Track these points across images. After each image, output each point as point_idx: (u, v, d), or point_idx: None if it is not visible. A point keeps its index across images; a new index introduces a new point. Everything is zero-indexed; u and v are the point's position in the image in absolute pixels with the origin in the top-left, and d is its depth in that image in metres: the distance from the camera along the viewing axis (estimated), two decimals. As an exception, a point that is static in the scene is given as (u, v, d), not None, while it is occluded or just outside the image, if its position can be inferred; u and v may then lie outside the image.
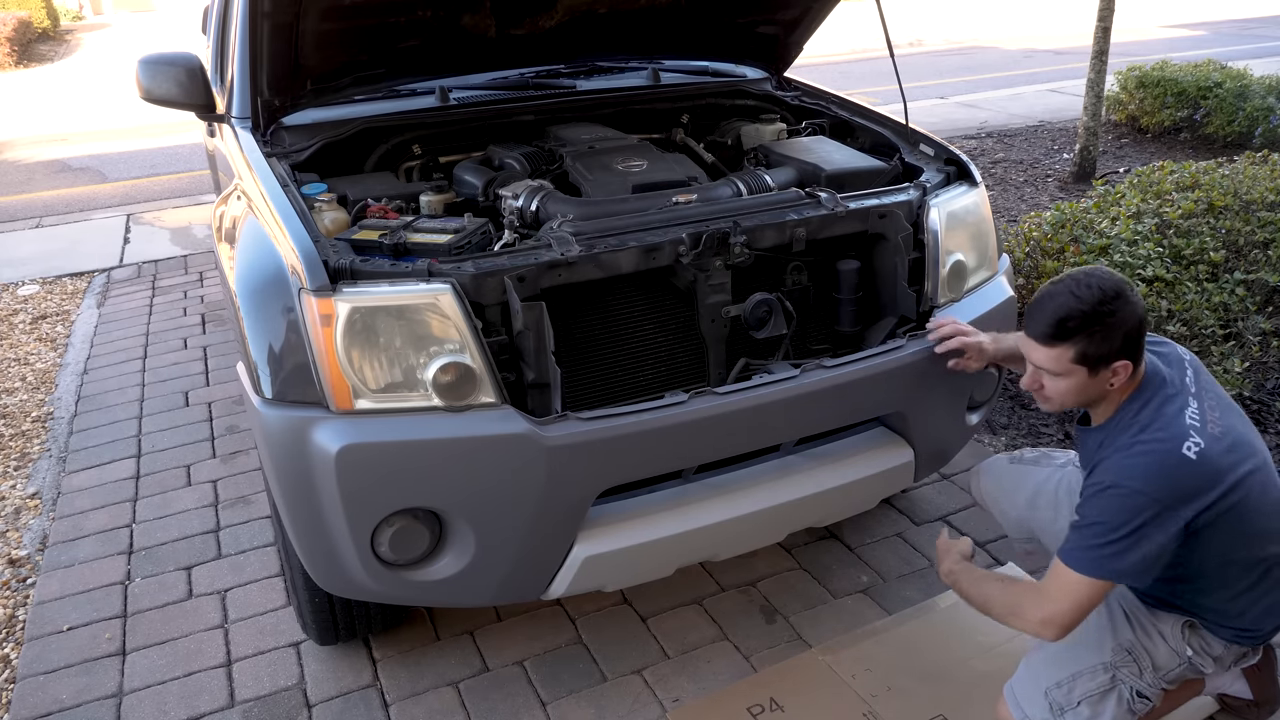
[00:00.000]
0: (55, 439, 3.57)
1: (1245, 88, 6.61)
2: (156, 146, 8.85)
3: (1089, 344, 1.59)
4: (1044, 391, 1.70)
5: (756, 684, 2.22)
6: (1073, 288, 1.61)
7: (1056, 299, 1.62)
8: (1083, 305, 1.59)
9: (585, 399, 1.99)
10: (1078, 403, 1.70)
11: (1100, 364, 1.61)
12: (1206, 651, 1.73)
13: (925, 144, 2.52)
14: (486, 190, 2.33)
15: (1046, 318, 1.62)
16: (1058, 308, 1.61)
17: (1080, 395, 1.67)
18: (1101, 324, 1.58)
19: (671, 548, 1.99)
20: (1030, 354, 1.68)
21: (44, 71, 14.81)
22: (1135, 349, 1.62)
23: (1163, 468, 1.56)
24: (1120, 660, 1.73)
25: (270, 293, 1.86)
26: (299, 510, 1.82)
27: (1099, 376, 1.63)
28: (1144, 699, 1.72)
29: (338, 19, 2.34)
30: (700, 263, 1.99)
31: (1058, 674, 1.74)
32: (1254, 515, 1.61)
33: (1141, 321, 1.61)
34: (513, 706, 2.21)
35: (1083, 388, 1.65)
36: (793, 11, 2.91)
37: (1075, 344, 1.60)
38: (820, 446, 2.17)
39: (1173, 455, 1.57)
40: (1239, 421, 1.69)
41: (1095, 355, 1.60)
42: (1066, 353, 1.61)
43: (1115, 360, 1.61)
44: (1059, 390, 1.67)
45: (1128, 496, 1.56)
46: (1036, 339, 1.65)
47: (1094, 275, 1.63)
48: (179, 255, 5.64)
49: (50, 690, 2.33)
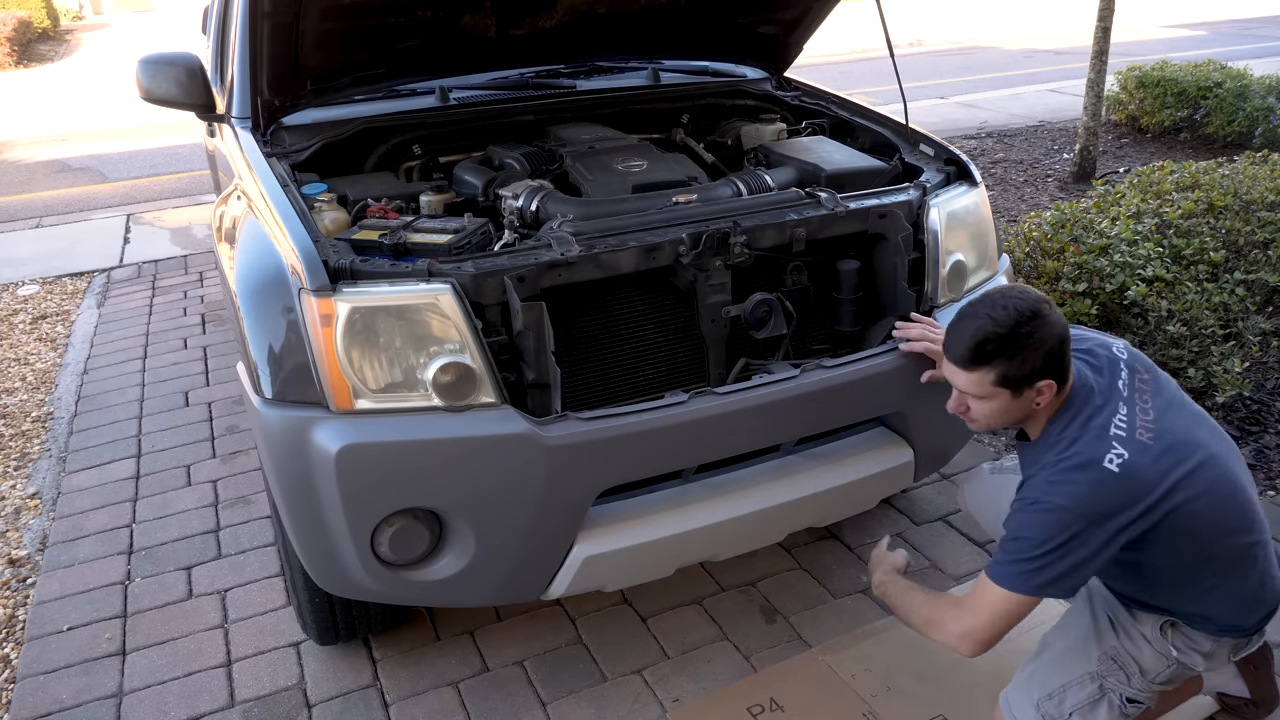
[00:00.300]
0: (55, 439, 3.57)
1: (1245, 88, 6.61)
2: (156, 146, 8.85)
3: (1009, 366, 1.57)
4: (970, 414, 1.69)
5: (756, 684, 2.22)
6: (989, 310, 1.58)
7: (974, 321, 1.59)
8: (999, 328, 1.56)
9: (585, 399, 1.99)
10: (1006, 424, 1.68)
11: (1023, 385, 1.59)
12: (1193, 649, 1.71)
13: (925, 144, 2.52)
14: (486, 190, 2.34)
15: (965, 341, 1.59)
16: (975, 330, 1.58)
17: (1006, 416, 1.65)
18: (1020, 346, 1.56)
19: (671, 548, 1.99)
20: (952, 378, 1.66)
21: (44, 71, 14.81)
22: (1058, 367, 1.59)
23: (1085, 483, 1.54)
24: (1106, 669, 1.72)
25: (270, 293, 1.86)
26: (299, 510, 1.82)
27: (1023, 397, 1.60)
28: (1135, 704, 1.72)
29: (338, 19, 2.34)
30: (700, 263, 1.99)
31: (1048, 685, 1.74)
32: (1203, 513, 1.58)
33: (1062, 340, 1.58)
34: (513, 706, 2.21)
35: (1007, 409, 1.63)
36: (793, 11, 2.91)
37: (995, 367, 1.58)
38: (820, 446, 2.17)
39: (1094, 470, 1.54)
40: (1180, 418, 1.64)
41: (1016, 377, 1.57)
42: (987, 376, 1.59)
43: (1038, 380, 1.58)
44: (984, 413, 1.66)
45: (1050, 512, 1.55)
46: (956, 363, 1.62)
47: (1010, 296, 1.60)
48: (179, 255, 5.64)
49: (50, 690, 2.33)
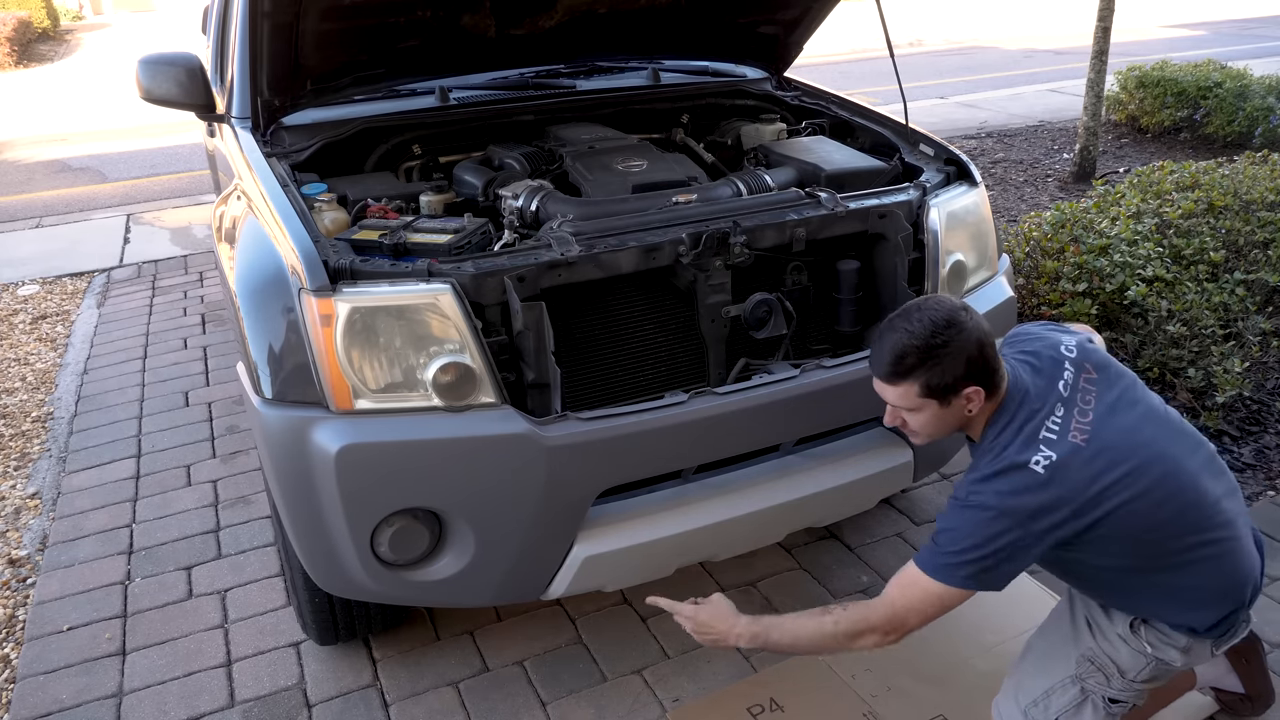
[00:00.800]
0: (55, 439, 3.57)
1: (1245, 88, 6.62)
2: (156, 146, 8.85)
3: (930, 375, 1.58)
4: (908, 427, 1.69)
5: (756, 684, 2.22)
6: (905, 323, 1.59)
7: (891, 335, 1.60)
8: (915, 340, 1.57)
9: (585, 399, 1.99)
10: (945, 432, 1.68)
11: (949, 393, 1.59)
12: (1167, 644, 1.68)
13: (925, 144, 2.52)
14: (486, 190, 2.34)
15: (884, 356, 1.61)
16: (893, 345, 1.59)
17: (942, 425, 1.65)
18: (938, 356, 1.56)
19: (671, 548, 1.99)
20: (882, 394, 1.67)
21: (44, 71, 14.81)
22: (982, 373, 1.59)
23: (1009, 485, 1.54)
24: (1085, 671, 1.72)
25: (270, 293, 1.86)
26: (299, 510, 1.82)
27: (952, 406, 1.61)
28: (1119, 704, 1.72)
29: (338, 19, 2.34)
30: (700, 263, 1.99)
31: (1033, 692, 1.74)
32: (1142, 513, 1.56)
33: (981, 346, 1.58)
34: (513, 706, 2.21)
35: (941, 418, 1.63)
36: (793, 11, 2.91)
37: (917, 378, 1.58)
38: (820, 446, 2.17)
39: (1020, 473, 1.55)
40: (1127, 418, 1.62)
41: (940, 385, 1.58)
42: (911, 388, 1.60)
43: (963, 387, 1.58)
44: (920, 423, 1.66)
45: (976, 510, 1.56)
46: (881, 379, 1.64)
47: (924, 307, 1.61)
48: (179, 255, 5.64)
49: (50, 690, 2.33)
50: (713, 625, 1.73)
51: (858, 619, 1.64)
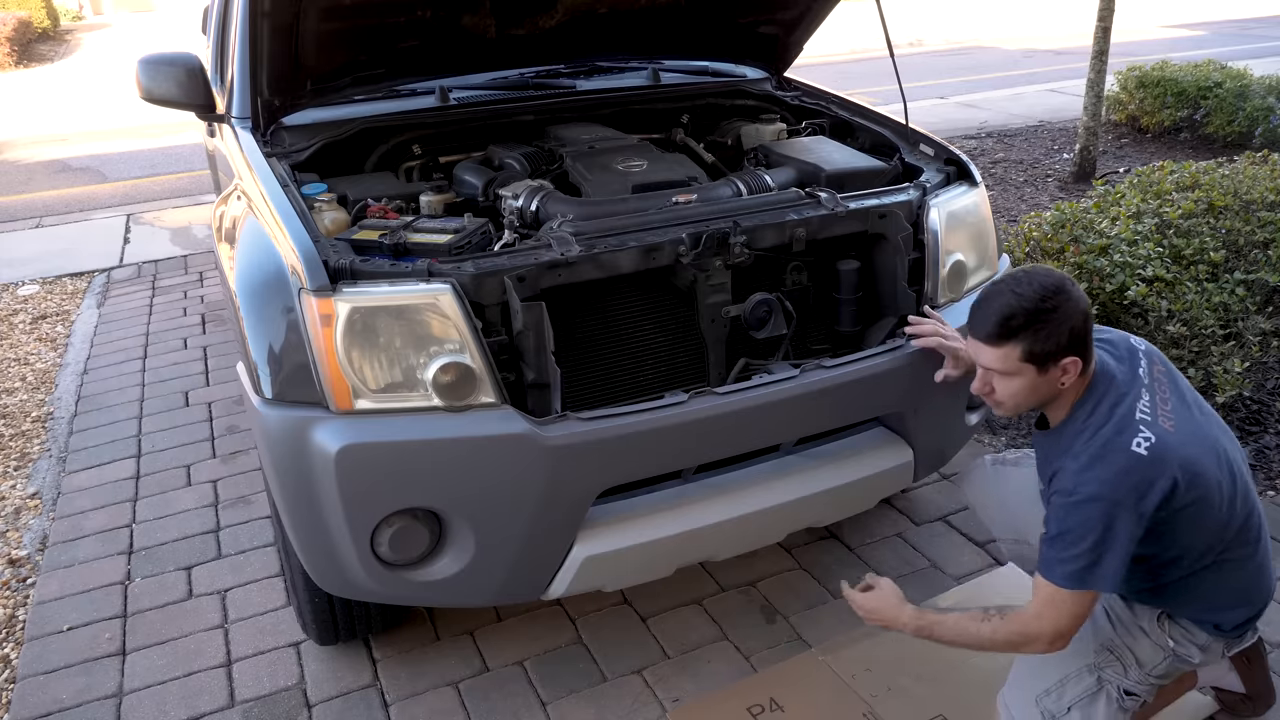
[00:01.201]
0: (55, 439, 3.57)
1: (1245, 88, 6.61)
2: (156, 146, 8.85)
3: (1035, 341, 1.58)
4: (995, 395, 1.68)
5: (756, 684, 2.22)
6: (1013, 286, 1.60)
7: (999, 298, 1.61)
8: (1025, 302, 1.58)
9: (585, 399, 1.99)
10: (1031, 404, 1.68)
11: (1048, 361, 1.59)
12: (1189, 640, 1.71)
13: (925, 144, 2.52)
14: (486, 190, 2.34)
15: (991, 317, 1.60)
16: (1001, 306, 1.60)
17: (1032, 396, 1.65)
18: (1045, 320, 1.57)
19: (671, 548, 1.99)
20: (978, 356, 1.66)
21: (44, 71, 14.81)
22: (1082, 345, 1.60)
23: (1116, 469, 1.55)
24: (1103, 660, 1.72)
25: (270, 293, 1.86)
26: (299, 510, 1.82)
27: (1049, 375, 1.61)
28: (1133, 696, 1.72)
29: (338, 19, 2.34)
30: (700, 263, 1.99)
31: (1046, 681, 1.74)
32: (1214, 506, 1.60)
33: (1086, 317, 1.60)
34: (513, 706, 2.21)
35: (1034, 387, 1.63)
36: (793, 11, 2.91)
37: (1021, 341, 1.59)
38: (820, 446, 2.17)
39: (1123, 455, 1.55)
40: (1194, 415, 1.67)
41: (1042, 352, 1.58)
42: (1014, 351, 1.60)
43: (1063, 357, 1.59)
44: (1010, 392, 1.65)
45: (1086, 503, 1.55)
46: (983, 340, 1.63)
47: (1033, 273, 1.62)
48: (179, 255, 5.64)
49: (50, 690, 2.33)
50: (880, 611, 1.81)
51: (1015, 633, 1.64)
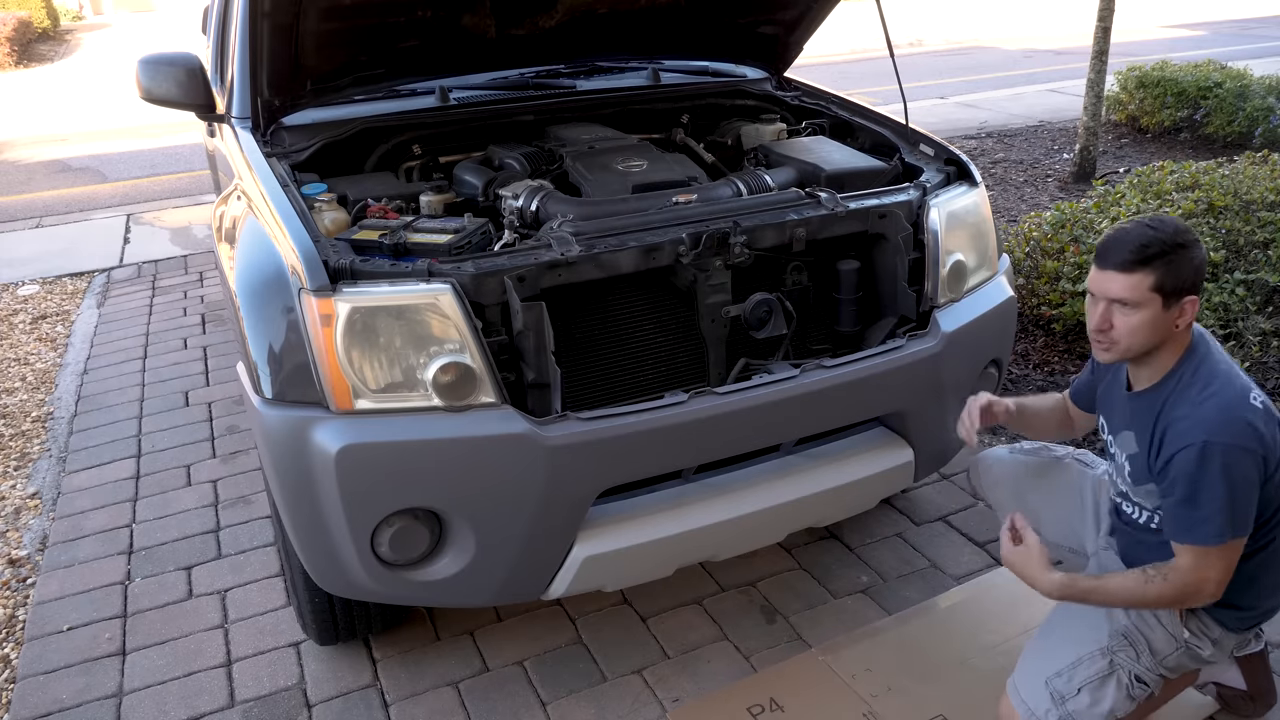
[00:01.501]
0: (55, 439, 3.57)
1: (1245, 88, 6.61)
2: (156, 146, 8.85)
3: (1167, 272, 1.61)
4: (1113, 332, 1.68)
5: (756, 684, 2.22)
6: (1148, 223, 1.66)
7: (1134, 231, 1.65)
8: (1162, 235, 1.62)
9: (585, 399, 1.99)
10: (1143, 345, 1.68)
11: (1174, 297, 1.63)
12: (1204, 633, 1.74)
13: (925, 144, 2.52)
14: (486, 190, 2.34)
15: (1127, 246, 1.63)
16: (1138, 237, 1.63)
17: (1150, 333, 1.66)
18: (1178, 254, 1.61)
19: (671, 548, 1.99)
20: (1106, 287, 1.67)
21: (44, 71, 14.81)
22: (1200, 289, 1.66)
23: (1244, 420, 1.59)
24: (1117, 644, 1.74)
25: (270, 293, 1.86)
26: (299, 510, 1.82)
27: (1169, 313, 1.64)
28: (1142, 684, 1.73)
29: (338, 19, 2.34)
30: (700, 263, 1.99)
31: (1058, 663, 1.75)
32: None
33: (1204, 263, 1.65)
34: (513, 706, 2.21)
35: (1153, 324, 1.65)
36: (793, 11, 2.91)
37: (1155, 270, 1.61)
38: (820, 446, 2.17)
39: (1246, 407, 1.60)
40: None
41: (1171, 286, 1.62)
42: (1146, 280, 1.62)
43: (1185, 296, 1.63)
44: (1130, 327, 1.66)
45: (1219, 453, 1.57)
46: (1116, 268, 1.65)
47: (1162, 216, 1.69)
48: (179, 255, 5.64)
49: (50, 690, 2.33)
50: (1021, 568, 1.77)
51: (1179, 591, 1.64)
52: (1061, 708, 1.71)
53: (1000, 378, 2.42)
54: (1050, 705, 1.72)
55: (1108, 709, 1.71)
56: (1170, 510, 1.64)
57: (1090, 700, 1.71)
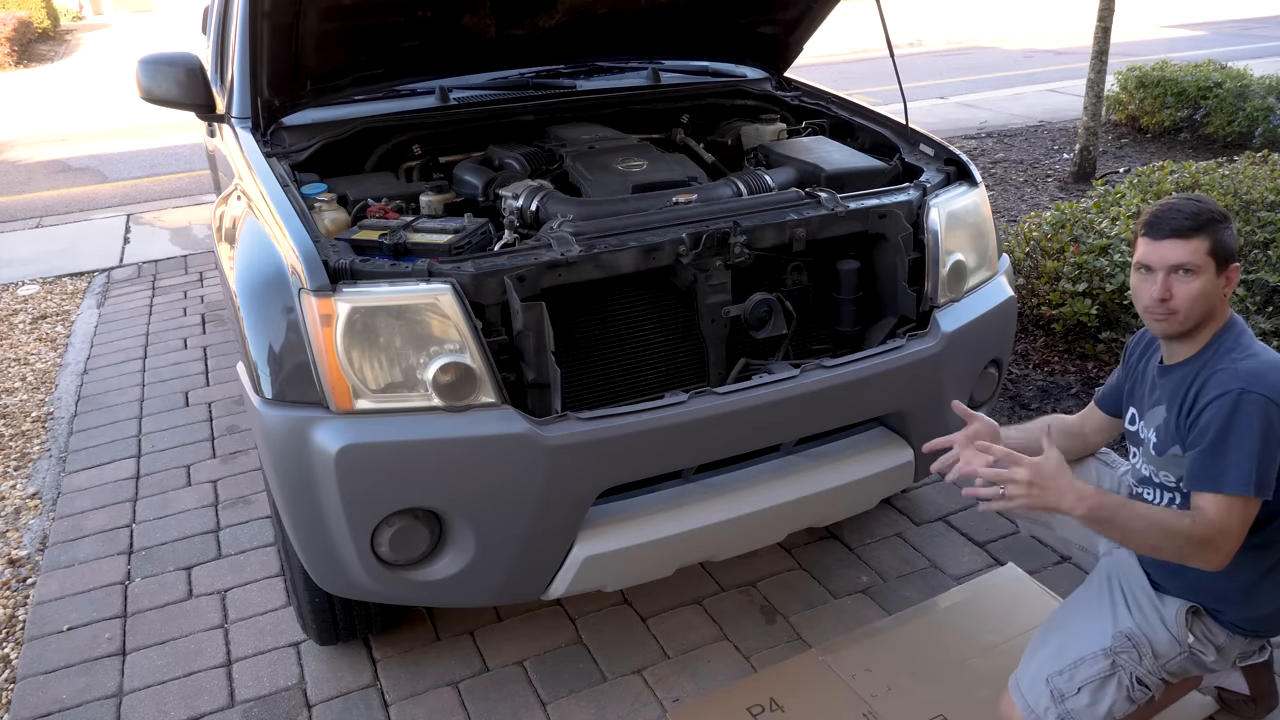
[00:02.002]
0: (55, 439, 3.57)
1: (1245, 88, 6.61)
2: (156, 146, 8.85)
3: (1218, 238, 1.66)
4: (1172, 302, 1.69)
5: (756, 684, 2.22)
6: (1193, 197, 1.70)
7: (1182, 203, 1.69)
8: (1208, 205, 1.67)
9: (585, 399, 1.99)
10: (1200, 314, 1.70)
11: (1227, 261, 1.67)
12: (1209, 639, 1.74)
13: (925, 144, 2.52)
14: (486, 190, 2.34)
15: (1182, 215, 1.67)
16: (1189, 206, 1.68)
17: (1205, 300, 1.68)
18: (1226, 221, 1.67)
19: (671, 548, 1.99)
20: (1165, 255, 1.68)
21: (44, 71, 14.81)
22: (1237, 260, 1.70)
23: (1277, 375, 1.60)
24: (1120, 646, 1.74)
25: (270, 293, 1.86)
26: (299, 510, 1.82)
27: (1220, 279, 1.68)
28: (1143, 687, 1.73)
29: (338, 19, 2.34)
30: (700, 263, 1.99)
31: (1060, 662, 1.76)
32: None
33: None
34: (513, 706, 2.21)
35: (1209, 291, 1.68)
36: (793, 11, 2.91)
37: (1210, 234, 1.66)
38: (820, 446, 2.17)
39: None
40: None
41: (1224, 252, 1.66)
42: (1203, 244, 1.66)
43: (1233, 262, 1.68)
44: (1189, 294, 1.67)
45: (1259, 403, 1.58)
46: (1175, 235, 1.67)
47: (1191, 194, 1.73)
48: (179, 255, 5.64)
49: (50, 690, 2.33)
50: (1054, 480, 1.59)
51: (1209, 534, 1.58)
52: (1061, 706, 1.71)
53: (1000, 378, 2.42)
54: (1050, 703, 1.72)
55: (1106, 709, 1.71)
56: (1196, 459, 1.63)
57: (1090, 700, 1.71)
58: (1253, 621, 1.74)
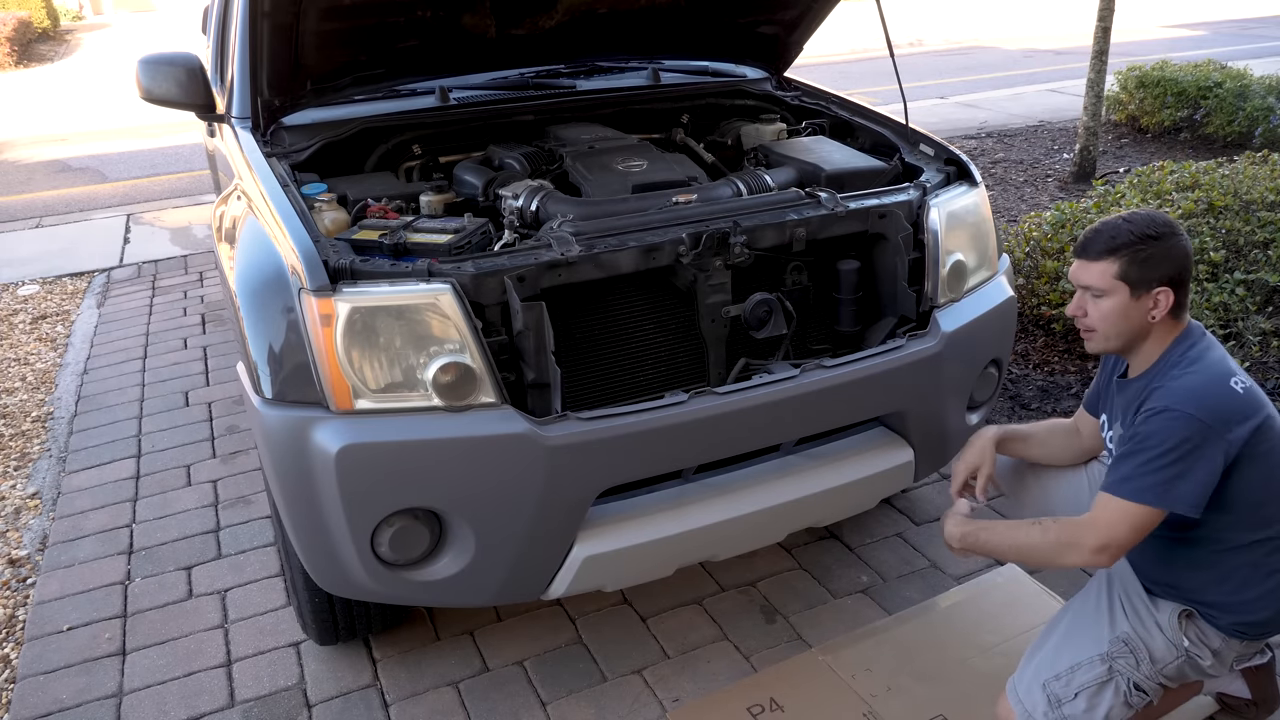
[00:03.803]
0: (55, 439, 3.57)
1: (1245, 88, 6.62)
2: (156, 146, 8.85)
3: (1132, 262, 1.65)
4: (1088, 319, 1.73)
5: (756, 684, 2.22)
6: (1126, 216, 1.70)
7: (1109, 222, 1.70)
8: (1132, 227, 1.67)
9: (585, 399, 1.99)
10: (1120, 334, 1.71)
11: (1143, 286, 1.66)
12: (1204, 643, 1.73)
13: (925, 144, 2.52)
14: (486, 190, 2.33)
15: (1097, 236, 1.69)
16: (1109, 227, 1.69)
17: (1123, 322, 1.69)
18: (1147, 245, 1.65)
19: (671, 548, 1.99)
20: (1078, 276, 1.73)
21: (44, 71, 14.81)
22: (1178, 284, 1.67)
23: (1214, 396, 1.61)
24: (1117, 651, 1.73)
25: (270, 293, 1.86)
26: (299, 510, 1.82)
27: (1140, 302, 1.67)
28: (1141, 692, 1.73)
29: (338, 19, 2.34)
30: (700, 263, 1.99)
31: (1057, 666, 1.75)
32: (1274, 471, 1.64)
33: (1186, 256, 1.68)
34: (513, 706, 2.21)
35: (1124, 313, 1.68)
36: (793, 11, 2.91)
37: (1120, 259, 1.66)
38: (820, 446, 2.17)
39: (1222, 384, 1.62)
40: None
41: (1138, 277, 1.65)
42: (1111, 268, 1.67)
43: (1158, 287, 1.66)
44: (1102, 314, 1.70)
45: (1178, 419, 1.59)
46: (1085, 257, 1.70)
47: (1144, 211, 1.72)
48: (179, 255, 5.64)
49: (50, 690, 2.33)
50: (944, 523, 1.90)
51: (1068, 534, 1.68)
52: (1057, 711, 1.71)
53: (1000, 378, 2.42)
54: (1046, 708, 1.72)
55: (1103, 715, 1.71)
56: (1112, 464, 1.68)
57: (1086, 706, 1.71)
58: (1248, 625, 1.73)
